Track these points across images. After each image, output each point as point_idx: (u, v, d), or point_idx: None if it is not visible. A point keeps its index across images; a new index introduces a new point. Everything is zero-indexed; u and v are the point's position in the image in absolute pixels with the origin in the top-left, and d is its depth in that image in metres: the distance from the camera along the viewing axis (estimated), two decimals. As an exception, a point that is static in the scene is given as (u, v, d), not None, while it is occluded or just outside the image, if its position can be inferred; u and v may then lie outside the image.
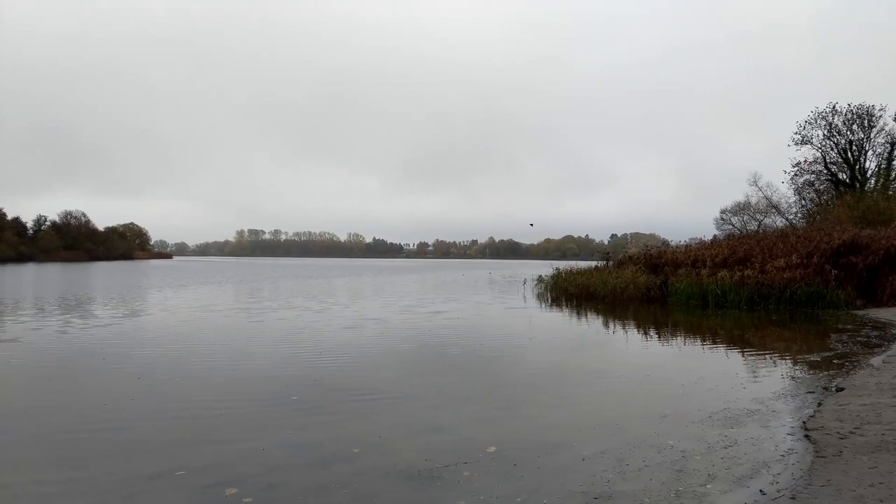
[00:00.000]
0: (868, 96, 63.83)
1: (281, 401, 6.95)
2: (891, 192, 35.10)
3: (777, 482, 4.25)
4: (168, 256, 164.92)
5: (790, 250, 20.93)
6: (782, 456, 4.85)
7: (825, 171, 39.84)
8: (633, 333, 13.87)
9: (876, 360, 9.30)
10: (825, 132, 39.02)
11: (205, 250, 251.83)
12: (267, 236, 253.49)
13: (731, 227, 44.08)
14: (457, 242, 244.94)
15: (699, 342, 12.42)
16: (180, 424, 5.98)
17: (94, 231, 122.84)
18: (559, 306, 20.87)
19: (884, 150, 37.90)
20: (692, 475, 4.45)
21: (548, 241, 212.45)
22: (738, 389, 7.48)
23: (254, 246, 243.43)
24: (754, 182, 44.25)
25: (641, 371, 8.98)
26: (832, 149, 39.27)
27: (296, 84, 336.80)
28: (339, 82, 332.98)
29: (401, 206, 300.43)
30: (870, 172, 38.68)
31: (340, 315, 16.97)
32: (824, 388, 7.51)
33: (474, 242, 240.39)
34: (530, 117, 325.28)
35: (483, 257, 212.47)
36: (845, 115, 38.25)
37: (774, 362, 9.82)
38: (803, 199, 41.21)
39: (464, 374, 8.89)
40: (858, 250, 20.01)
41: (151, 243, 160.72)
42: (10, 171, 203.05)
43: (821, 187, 40.46)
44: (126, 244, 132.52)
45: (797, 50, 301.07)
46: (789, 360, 10.04)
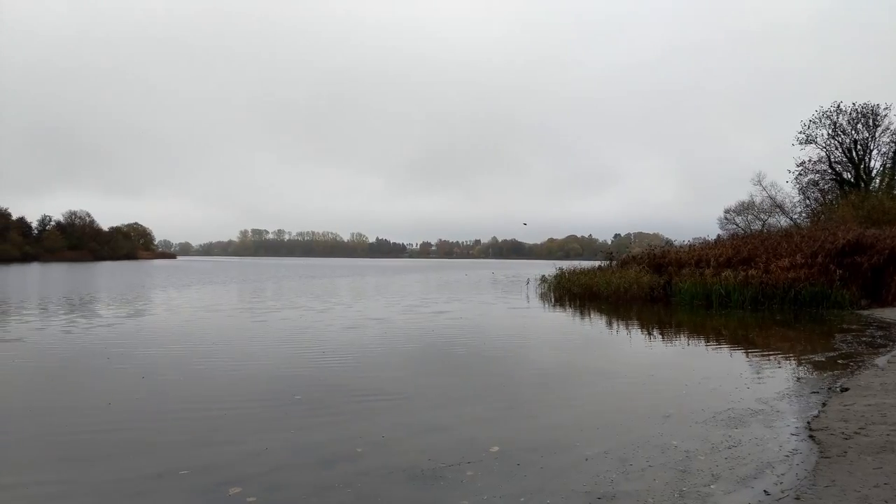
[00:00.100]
0: (869, 96, 63.80)
1: (284, 401, 6.96)
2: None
3: (781, 483, 4.24)
4: (172, 256, 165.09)
5: (794, 250, 20.89)
6: (786, 456, 4.83)
7: (830, 171, 39.71)
8: (637, 333, 13.85)
9: (881, 361, 9.27)
10: (830, 131, 38.93)
11: (208, 250, 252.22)
12: (270, 236, 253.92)
13: (735, 226, 43.99)
14: (460, 242, 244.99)
15: (703, 342, 12.40)
16: (184, 424, 5.99)
17: (99, 231, 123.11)
18: (562, 306, 20.86)
19: (889, 150, 37.81)
20: (696, 475, 4.44)
21: (551, 240, 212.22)
22: (741, 389, 7.47)
23: (257, 246, 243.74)
24: (758, 181, 44.17)
25: (645, 371, 8.96)
26: (837, 148, 39.17)
27: (298, 84, 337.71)
28: (341, 82, 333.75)
29: (404, 206, 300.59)
30: (874, 172, 38.57)
31: (343, 315, 16.98)
32: (829, 388, 7.49)
33: (477, 242, 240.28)
34: (532, 117, 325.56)
35: (486, 257, 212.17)
36: (850, 114, 38.14)
37: (778, 362, 9.79)
38: (808, 198, 41.13)
39: (467, 374, 8.89)
40: (863, 250, 19.96)
41: (155, 243, 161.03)
42: (15, 172, 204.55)
43: (825, 187, 40.33)
44: (130, 244, 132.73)
45: (797, 50, 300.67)
46: (793, 361, 10.01)
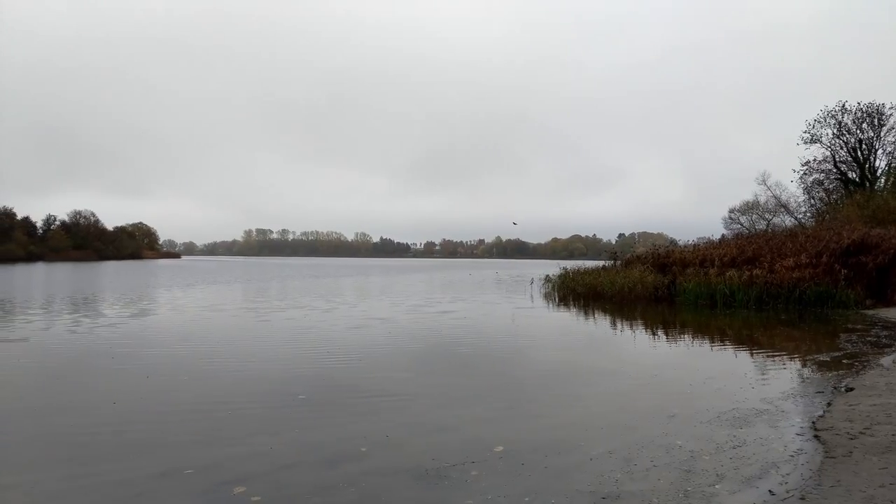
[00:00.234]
0: (870, 95, 63.38)
1: (289, 400, 6.97)
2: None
3: (786, 483, 4.23)
4: (176, 256, 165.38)
5: (799, 250, 20.83)
6: (791, 456, 4.82)
7: (834, 170, 39.60)
8: (641, 333, 13.83)
9: (886, 360, 9.23)
10: (835, 131, 38.83)
11: (213, 250, 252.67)
12: (274, 236, 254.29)
13: (739, 226, 43.98)
14: (464, 242, 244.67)
15: (707, 342, 12.37)
16: (188, 423, 6.01)
17: (104, 231, 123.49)
18: (566, 306, 20.83)
19: (894, 149, 37.72)
20: (701, 475, 4.43)
21: (555, 240, 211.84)
22: (746, 389, 7.45)
23: (261, 245, 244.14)
24: (763, 181, 44.10)
25: (649, 371, 8.95)
26: (842, 147, 39.04)
27: (300, 84, 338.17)
28: (343, 82, 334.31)
29: (407, 205, 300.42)
30: (880, 171, 38.46)
31: (348, 314, 17.00)
32: (834, 388, 7.47)
33: (481, 242, 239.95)
34: (535, 116, 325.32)
35: (490, 257, 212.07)
36: (855, 113, 38.02)
37: (783, 362, 9.77)
38: (812, 198, 41.03)
39: (471, 373, 8.89)
40: (868, 250, 19.90)
41: (160, 243, 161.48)
42: (20, 172, 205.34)
43: (830, 186, 40.22)
44: (135, 244, 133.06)
45: (798, 49, 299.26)
46: (798, 360, 9.98)
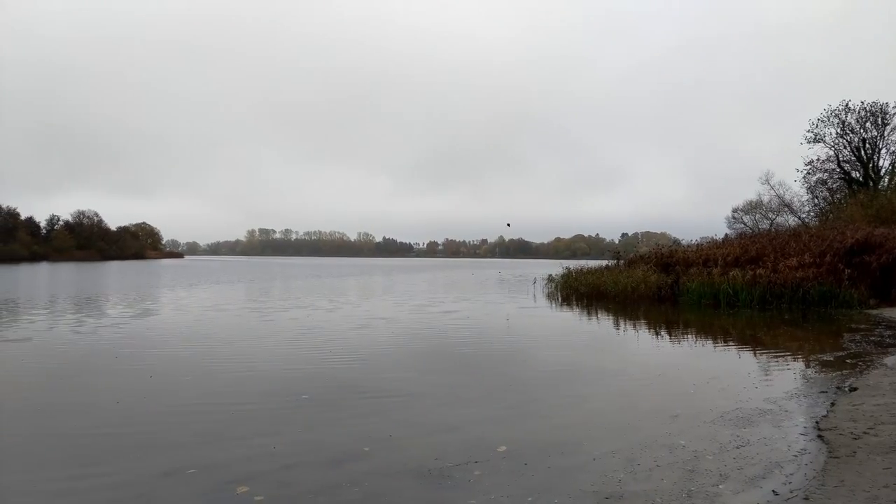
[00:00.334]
0: (874, 95, 63.25)
1: (292, 399, 6.98)
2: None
3: (790, 482, 4.22)
4: (179, 256, 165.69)
5: (803, 249, 20.77)
6: (795, 456, 4.82)
7: (838, 170, 39.48)
8: (645, 333, 13.81)
9: (890, 360, 9.21)
10: (838, 130, 38.72)
11: (216, 249, 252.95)
12: (277, 236, 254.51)
13: (742, 225, 43.92)
14: (467, 241, 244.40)
15: (711, 342, 12.35)
16: (192, 423, 6.02)
17: (107, 231, 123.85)
18: (569, 306, 20.82)
19: (898, 149, 37.55)
20: (704, 475, 4.43)
21: (558, 240, 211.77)
22: (750, 389, 7.44)
23: (264, 245, 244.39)
24: (766, 181, 44.03)
25: (653, 371, 8.94)
26: (845, 147, 38.94)
27: (304, 84, 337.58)
28: (347, 82, 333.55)
29: (411, 205, 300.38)
30: (883, 171, 38.32)
31: (351, 314, 17.02)
32: (837, 387, 7.45)
33: (484, 241, 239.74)
34: (539, 116, 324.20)
35: (493, 256, 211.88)
36: (858, 112, 37.92)
37: (787, 362, 9.75)
38: (816, 197, 40.93)
39: (474, 373, 8.90)
40: (872, 249, 19.83)
41: (163, 243, 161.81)
42: (24, 172, 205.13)
43: (834, 186, 40.11)
44: (138, 244, 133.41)
45: (807, 49, 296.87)
46: (802, 360, 9.97)
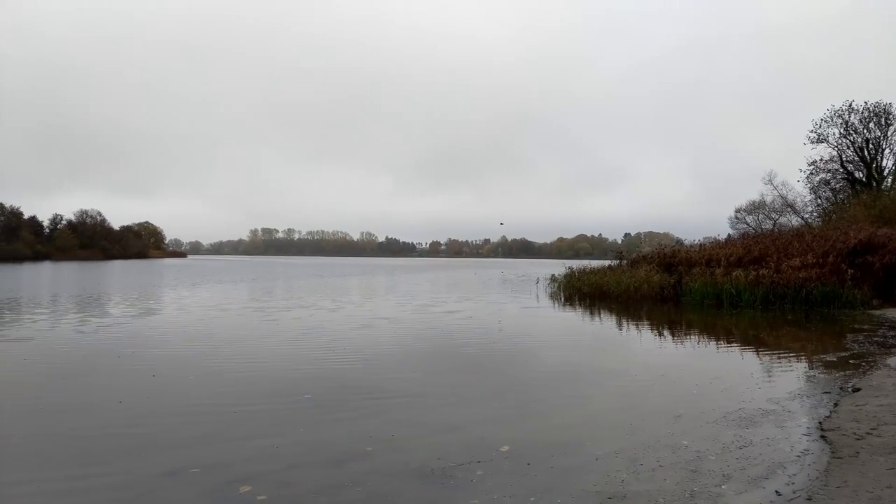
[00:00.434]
0: (877, 96, 63.16)
1: (295, 399, 6.99)
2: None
3: (793, 483, 4.22)
4: (182, 255, 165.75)
5: (806, 249, 20.73)
6: (798, 456, 4.81)
7: (841, 170, 39.39)
8: (647, 333, 13.81)
9: (893, 361, 9.19)
10: (841, 130, 38.64)
11: (219, 249, 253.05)
12: (280, 235, 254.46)
13: (745, 226, 43.83)
14: (469, 241, 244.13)
15: (714, 342, 12.34)
16: (195, 422, 6.03)
17: (110, 230, 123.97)
18: (572, 305, 20.82)
19: (901, 148, 37.46)
20: (707, 475, 4.42)
21: (560, 240, 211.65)
22: (753, 389, 7.43)
23: (267, 245, 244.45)
24: (769, 181, 43.93)
25: (655, 371, 8.93)
26: (848, 147, 38.86)
27: (306, 83, 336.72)
28: (349, 81, 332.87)
29: (413, 205, 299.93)
30: (886, 171, 38.27)
31: (354, 314, 17.03)
32: (840, 388, 7.43)
33: (487, 241, 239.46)
34: (541, 116, 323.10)
35: (496, 256, 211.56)
36: (862, 113, 37.86)
37: (790, 362, 9.74)
38: (819, 197, 40.85)
39: (477, 373, 8.90)
40: (875, 249, 19.79)
41: (166, 242, 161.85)
42: (27, 171, 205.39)
43: (837, 186, 40.03)
44: (141, 243, 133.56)
45: (805, 50, 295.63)
46: (805, 361, 9.94)
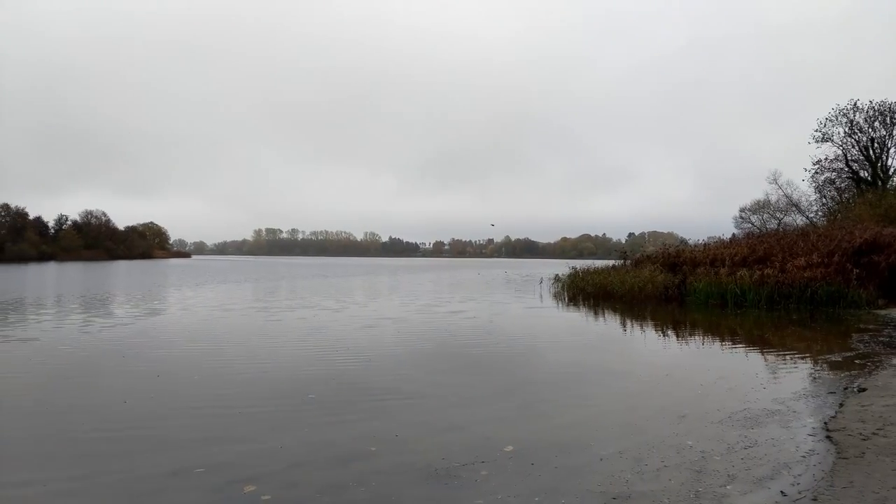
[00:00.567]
0: (882, 95, 62.73)
1: (299, 399, 7.00)
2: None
3: (798, 483, 4.20)
4: (187, 255, 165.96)
5: (811, 249, 20.65)
6: (803, 457, 4.79)
7: (846, 169, 39.26)
8: (652, 333, 13.78)
9: (899, 361, 9.14)
10: (846, 129, 38.50)
11: (223, 249, 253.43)
12: (284, 235, 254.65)
13: (750, 225, 43.60)
14: (473, 241, 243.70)
15: (718, 342, 12.31)
16: (199, 422, 6.05)
17: (115, 230, 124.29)
18: (576, 306, 20.78)
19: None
20: (712, 476, 4.41)
21: (564, 239, 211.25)
22: (758, 390, 7.40)
23: (271, 245, 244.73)
24: (774, 180, 43.72)
25: (660, 371, 8.91)
26: (853, 146, 38.72)
27: (309, 84, 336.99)
28: (352, 82, 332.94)
29: (417, 205, 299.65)
30: (892, 170, 38.10)
31: (358, 314, 17.04)
32: (846, 388, 7.41)
33: (490, 241, 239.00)
34: (544, 116, 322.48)
35: (499, 256, 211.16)
36: (867, 112, 37.71)
37: (795, 362, 9.70)
38: (824, 197, 40.68)
39: (481, 373, 8.90)
40: (880, 249, 19.71)
41: (170, 242, 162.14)
42: (32, 172, 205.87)
43: (842, 185, 39.87)
44: (145, 243, 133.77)
45: (814, 48, 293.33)
46: (810, 361, 9.91)
